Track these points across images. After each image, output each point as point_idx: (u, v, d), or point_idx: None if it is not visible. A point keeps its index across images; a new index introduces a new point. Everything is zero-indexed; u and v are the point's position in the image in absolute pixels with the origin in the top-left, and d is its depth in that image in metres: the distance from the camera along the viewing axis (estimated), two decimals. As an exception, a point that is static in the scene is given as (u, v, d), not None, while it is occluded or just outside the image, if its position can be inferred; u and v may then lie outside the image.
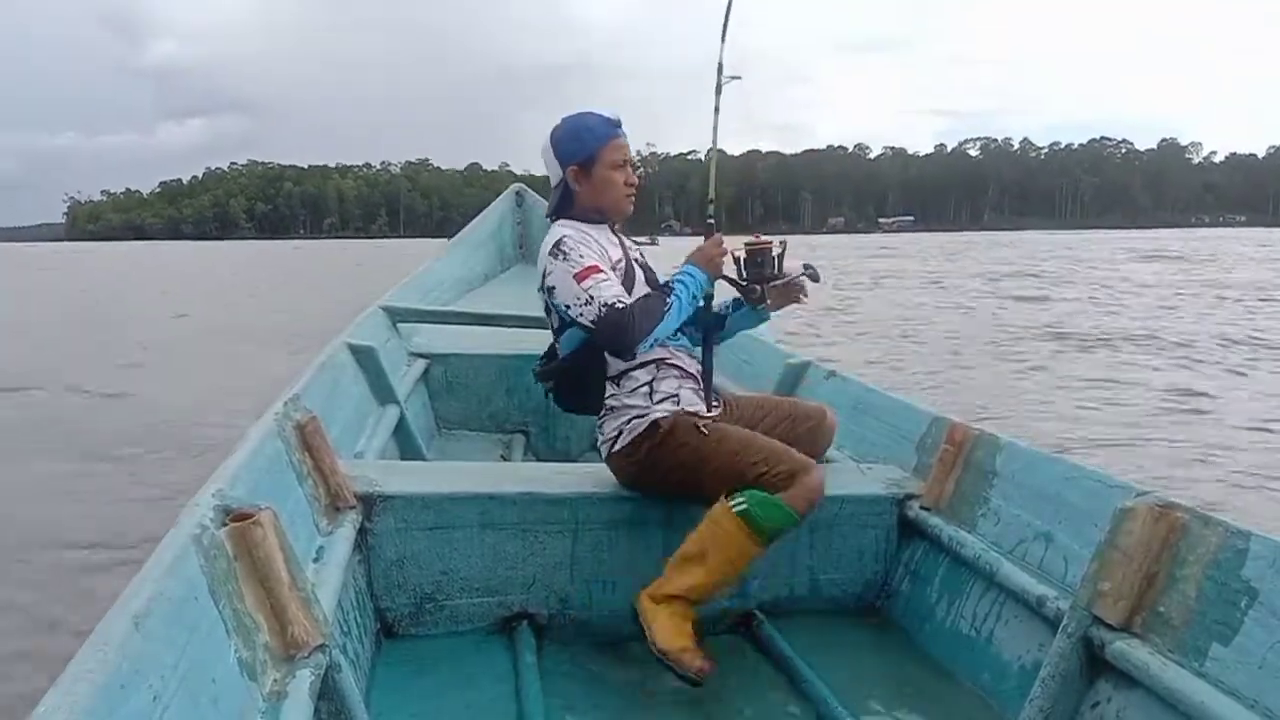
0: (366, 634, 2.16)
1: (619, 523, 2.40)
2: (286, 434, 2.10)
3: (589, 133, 2.36)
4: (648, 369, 2.36)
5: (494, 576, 2.33)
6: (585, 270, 2.22)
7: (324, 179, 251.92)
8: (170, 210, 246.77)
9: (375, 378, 3.50)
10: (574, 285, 2.22)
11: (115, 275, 39.76)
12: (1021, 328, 14.23)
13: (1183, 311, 16.74)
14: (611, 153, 2.36)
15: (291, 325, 14.32)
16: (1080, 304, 18.56)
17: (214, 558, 1.39)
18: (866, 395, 3.11)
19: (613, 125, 2.38)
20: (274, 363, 9.84)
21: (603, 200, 2.39)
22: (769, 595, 2.54)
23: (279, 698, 1.38)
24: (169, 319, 17.72)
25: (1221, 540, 1.66)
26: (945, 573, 2.46)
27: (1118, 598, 1.73)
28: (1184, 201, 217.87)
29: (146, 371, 10.92)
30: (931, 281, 26.52)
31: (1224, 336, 12.93)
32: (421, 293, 5.08)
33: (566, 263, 2.24)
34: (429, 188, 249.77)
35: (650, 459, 2.30)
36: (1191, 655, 1.63)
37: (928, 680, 2.26)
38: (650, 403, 2.33)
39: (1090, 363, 10.90)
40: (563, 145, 2.38)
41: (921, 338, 13.38)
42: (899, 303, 19.37)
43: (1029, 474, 2.28)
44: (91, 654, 1.04)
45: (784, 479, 2.15)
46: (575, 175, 2.37)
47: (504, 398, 4.38)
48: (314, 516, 2.05)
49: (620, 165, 2.37)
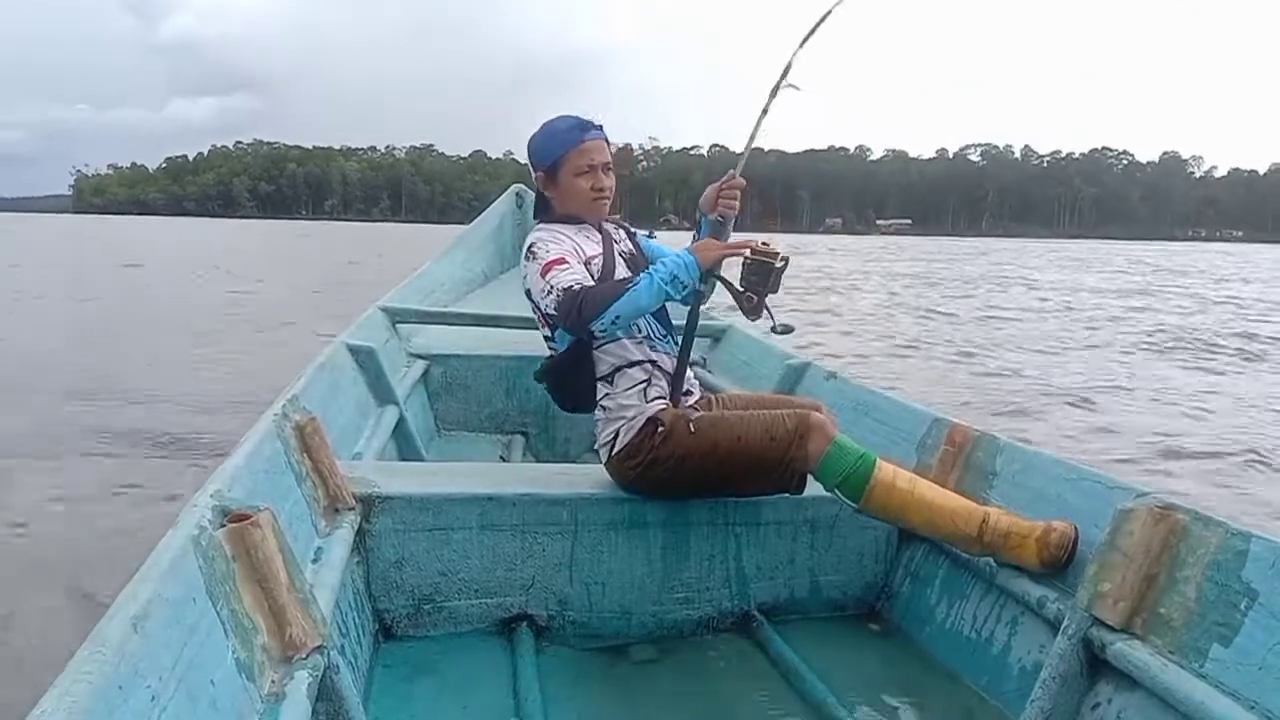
0: (365, 635, 2.16)
1: (618, 524, 2.40)
2: (285, 435, 2.10)
3: (555, 138, 2.38)
4: (642, 368, 2.36)
5: (493, 578, 2.33)
6: (550, 263, 2.26)
7: (328, 161, 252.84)
8: (174, 187, 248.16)
9: (375, 379, 3.50)
10: (540, 280, 2.26)
11: (157, 250, 38.93)
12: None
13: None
14: (577, 157, 2.35)
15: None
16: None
17: (212, 558, 1.39)
18: (866, 396, 3.11)
19: (582, 129, 2.36)
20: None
21: (569, 205, 2.41)
22: (769, 597, 2.54)
23: (277, 699, 1.38)
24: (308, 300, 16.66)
25: (1221, 542, 1.66)
26: (945, 574, 2.47)
27: (1118, 599, 1.74)
28: (1182, 215, 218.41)
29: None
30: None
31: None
32: (421, 294, 5.08)
33: (535, 262, 2.29)
34: (432, 173, 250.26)
35: (653, 458, 2.30)
36: (1192, 656, 1.63)
37: (928, 682, 2.27)
38: (644, 401, 2.33)
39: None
40: (533, 151, 2.42)
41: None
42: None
43: (1029, 475, 2.29)
44: (90, 655, 1.04)
45: (799, 435, 2.21)
46: (543, 181, 2.43)
47: (503, 399, 4.37)
48: (313, 517, 2.04)
49: (586, 170, 2.36)
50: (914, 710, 2.14)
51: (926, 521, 2.20)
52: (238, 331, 11.81)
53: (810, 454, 2.20)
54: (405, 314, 4.35)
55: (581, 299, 2.16)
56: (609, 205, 2.44)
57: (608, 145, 2.42)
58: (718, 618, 2.49)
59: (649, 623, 2.44)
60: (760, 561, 2.52)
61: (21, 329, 11.90)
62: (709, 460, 2.28)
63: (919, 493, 2.18)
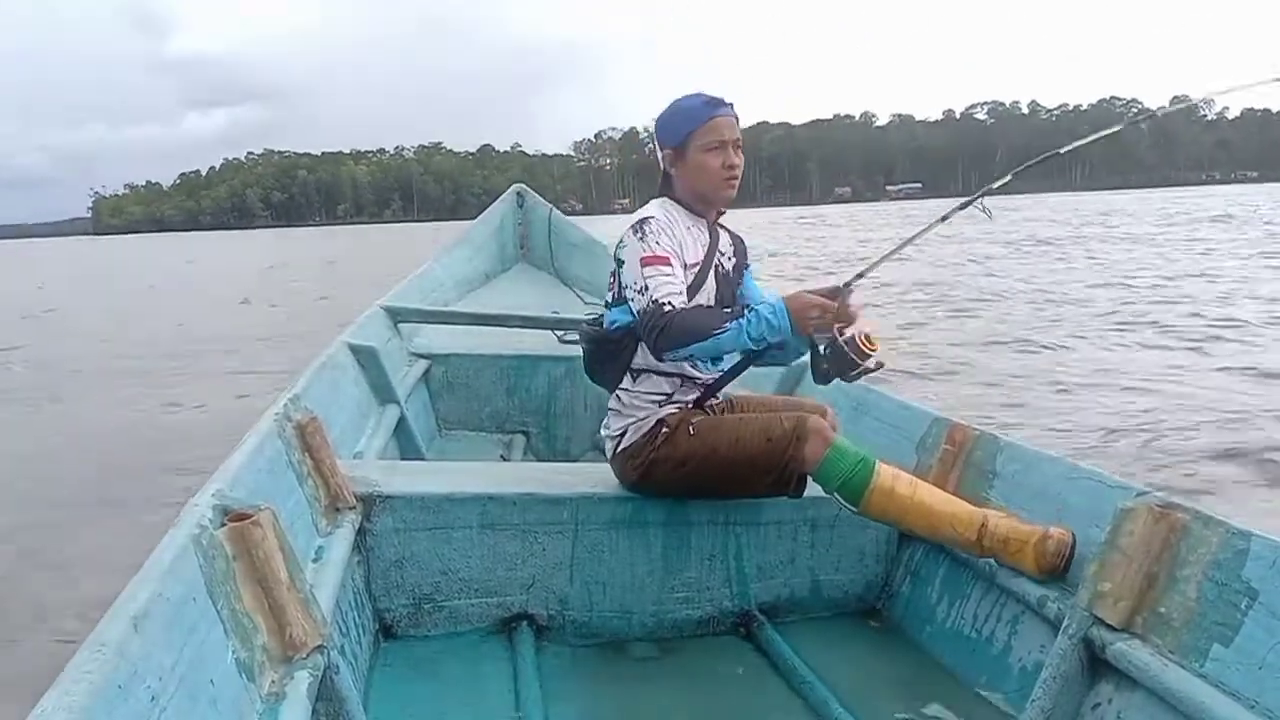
0: (365, 635, 2.15)
1: (619, 523, 2.40)
2: (286, 434, 2.09)
3: (683, 115, 2.32)
4: (670, 380, 2.35)
5: (493, 577, 2.33)
6: (653, 257, 2.20)
7: (338, 165, 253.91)
8: (189, 202, 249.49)
9: (376, 378, 3.50)
10: (638, 268, 2.21)
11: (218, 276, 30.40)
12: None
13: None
14: (705, 134, 2.28)
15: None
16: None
17: (213, 558, 1.39)
18: (867, 396, 3.10)
19: (712, 106, 2.29)
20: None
21: (698, 184, 2.33)
22: (769, 596, 2.54)
23: (277, 698, 1.38)
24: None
25: (1222, 541, 1.66)
26: (946, 574, 2.46)
27: (1118, 598, 1.74)
28: (1195, 160, 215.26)
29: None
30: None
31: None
32: (422, 293, 5.07)
33: (642, 243, 2.23)
34: (441, 171, 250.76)
35: (654, 459, 2.31)
36: (1192, 656, 1.63)
37: (928, 681, 2.26)
38: (659, 408, 2.34)
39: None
40: (660, 129, 2.37)
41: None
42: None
43: (1029, 474, 2.28)
44: (90, 654, 1.04)
45: (796, 437, 2.20)
46: (670, 159, 2.35)
47: (504, 398, 4.37)
48: (313, 517, 2.04)
49: (716, 146, 2.28)
50: (914, 709, 2.14)
51: (926, 526, 2.20)
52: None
53: (808, 457, 2.19)
54: (406, 313, 4.34)
55: (668, 323, 2.12)
56: (737, 185, 2.35)
57: (737, 123, 2.33)
58: (718, 617, 2.49)
59: (649, 622, 2.44)
60: (760, 561, 2.52)
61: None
62: (708, 463, 2.27)
63: (919, 498, 2.18)
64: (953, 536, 2.19)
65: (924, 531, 2.25)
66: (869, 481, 2.16)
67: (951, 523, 2.17)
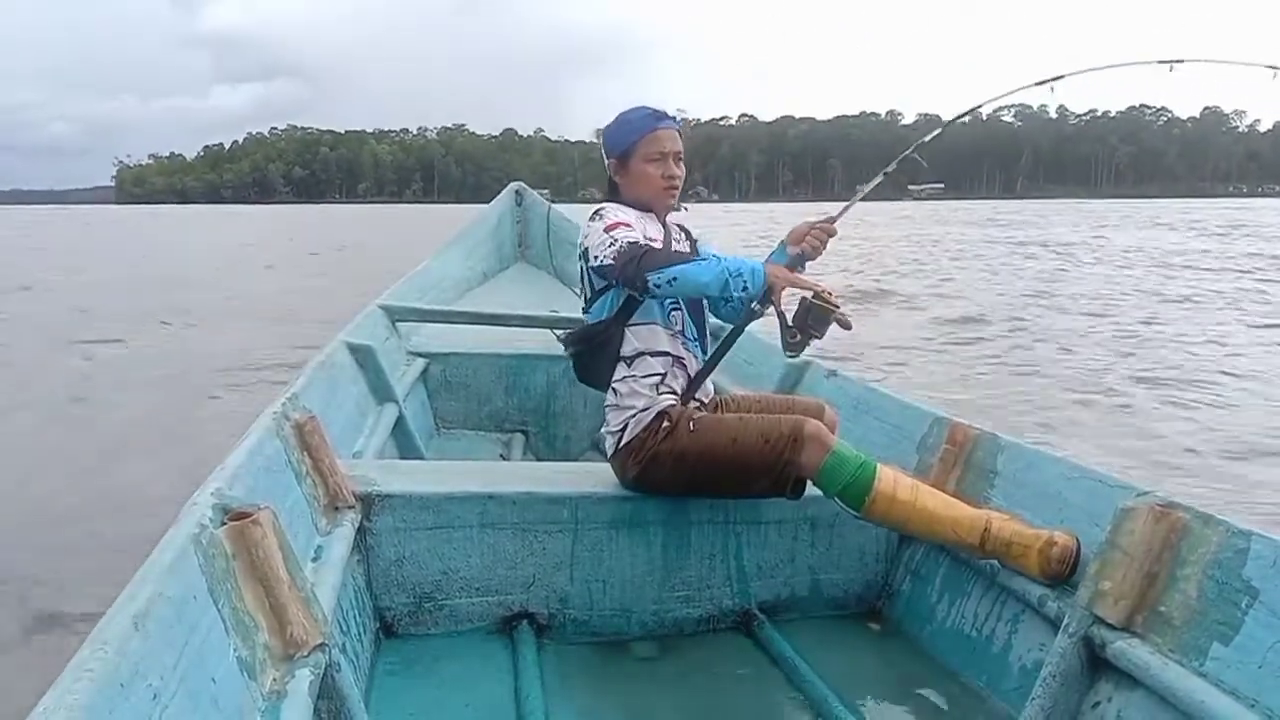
0: (366, 633, 2.15)
1: (619, 522, 2.40)
2: (285, 433, 2.09)
3: (628, 126, 2.42)
4: (664, 360, 2.37)
5: (494, 576, 2.33)
6: (615, 224, 2.31)
7: (360, 144, 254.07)
8: (211, 175, 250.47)
9: (374, 377, 3.49)
10: (603, 235, 2.29)
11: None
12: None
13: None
14: (648, 145, 2.39)
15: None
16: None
17: (213, 557, 1.39)
18: (867, 395, 3.10)
19: (655, 119, 2.40)
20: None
21: (640, 192, 2.44)
22: (769, 595, 2.54)
23: (278, 697, 1.38)
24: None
25: (1222, 540, 1.66)
26: (946, 573, 2.46)
27: (1119, 597, 1.74)
28: (1224, 170, 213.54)
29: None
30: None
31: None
32: (420, 292, 5.06)
33: (600, 221, 2.33)
34: (463, 153, 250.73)
35: (654, 454, 2.31)
36: (1192, 655, 1.63)
37: (929, 680, 2.26)
38: (655, 394, 2.35)
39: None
40: (607, 139, 2.47)
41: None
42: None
43: (1030, 473, 2.28)
44: (91, 653, 1.04)
45: (793, 441, 2.21)
46: (615, 168, 2.46)
47: (503, 397, 4.37)
48: (313, 516, 2.04)
49: (657, 158, 2.39)
50: (914, 708, 2.15)
51: (928, 530, 2.21)
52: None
53: (807, 462, 2.20)
54: (404, 312, 4.33)
55: (645, 251, 2.21)
56: (677, 195, 2.47)
57: (680, 136, 2.45)
58: (718, 616, 2.49)
59: (650, 621, 2.44)
60: (761, 560, 2.52)
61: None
62: (705, 460, 2.28)
63: (920, 503, 2.18)
64: (955, 541, 2.20)
65: (926, 536, 2.28)
66: (870, 488, 2.17)
67: (954, 527, 2.18)
